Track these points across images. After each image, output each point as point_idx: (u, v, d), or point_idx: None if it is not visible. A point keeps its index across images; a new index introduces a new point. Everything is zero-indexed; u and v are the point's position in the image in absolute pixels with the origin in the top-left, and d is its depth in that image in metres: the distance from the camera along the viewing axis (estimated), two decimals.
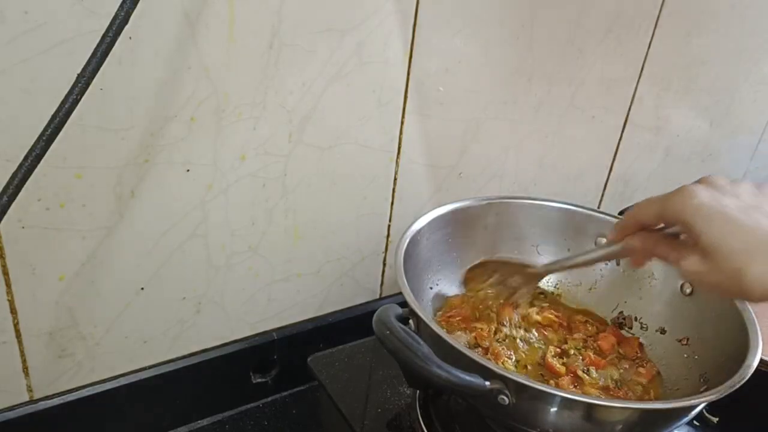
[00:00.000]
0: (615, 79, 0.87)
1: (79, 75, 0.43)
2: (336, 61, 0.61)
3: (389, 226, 0.75)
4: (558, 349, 0.63)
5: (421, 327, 0.52)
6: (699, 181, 0.46)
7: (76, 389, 0.60)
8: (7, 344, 0.55)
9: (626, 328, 0.68)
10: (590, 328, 0.67)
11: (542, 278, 0.67)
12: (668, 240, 0.49)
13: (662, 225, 0.49)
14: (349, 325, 0.75)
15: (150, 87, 0.52)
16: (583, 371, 0.60)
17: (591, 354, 0.63)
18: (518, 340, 0.64)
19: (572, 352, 0.63)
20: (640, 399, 0.60)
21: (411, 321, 0.54)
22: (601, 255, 0.57)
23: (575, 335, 0.66)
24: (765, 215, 0.42)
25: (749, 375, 0.49)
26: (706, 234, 0.42)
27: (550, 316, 0.67)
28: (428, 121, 0.71)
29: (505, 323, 0.65)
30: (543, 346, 0.64)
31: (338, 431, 0.65)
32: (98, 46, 0.44)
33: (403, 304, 0.53)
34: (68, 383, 0.60)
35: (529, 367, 0.61)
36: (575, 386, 0.59)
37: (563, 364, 0.61)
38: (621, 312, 0.69)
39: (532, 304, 0.69)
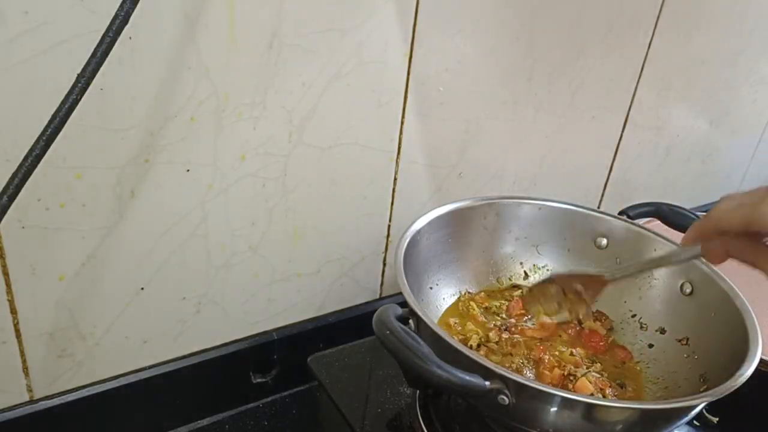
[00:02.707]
0: (615, 79, 0.87)
1: (79, 75, 0.44)
2: (336, 61, 0.61)
3: (389, 226, 0.75)
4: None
5: (421, 327, 0.52)
6: None
7: (76, 389, 0.60)
8: (7, 344, 0.55)
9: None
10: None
11: (609, 284, 0.63)
12: (754, 246, 0.45)
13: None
14: (349, 325, 0.75)
15: (150, 87, 0.52)
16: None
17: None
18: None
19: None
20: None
21: (411, 321, 0.54)
22: (676, 259, 0.55)
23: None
24: None
25: (749, 375, 0.49)
26: None
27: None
28: (428, 121, 0.71)
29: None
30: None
31: (338, 431, 0.65)
32: (98, 46, 0.44)
33: (403, 304, 0.53)
34: (68, 383, 0.60)
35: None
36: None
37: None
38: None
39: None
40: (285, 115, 0.60)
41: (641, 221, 0.72)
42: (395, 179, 0.72)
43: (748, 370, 0.49)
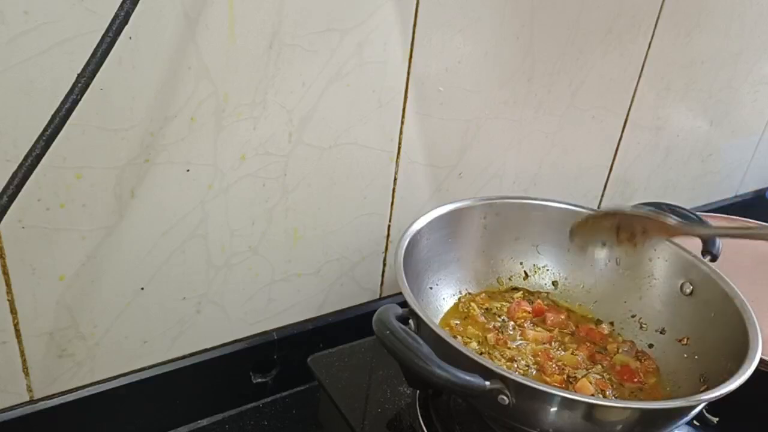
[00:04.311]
0: (615, 79, 0.87)
1: (79, 75, 0.44)
2: (336, 61, 0.61)
3: (389, 226, 0.75)
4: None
5: (421, 327, 0.52)
6: None
7: (76, 389, 0.60)
8: (7, 344, 0.55)
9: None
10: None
11: (675, 237, 0.60)
12: None
13: None
14: (349, 325, 0.75)
15: (150, 87, 0.52)
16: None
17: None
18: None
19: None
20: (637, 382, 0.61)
21: (411, 321, 0.54)
22: None
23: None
24: None
25: (749, 375, 0.49)
26: None
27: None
28: (428, 121, 0.71)
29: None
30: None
31: (338, 431, 0.65)
32: (98, 46, 0.44)
33: (403, 304, 0.53)
34: (68, 383, 0.60)
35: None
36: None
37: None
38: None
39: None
40: (285, 115, 0.61)
41: None
42: (395, 179, 0.72)
43: (748, 370, 0.49)
